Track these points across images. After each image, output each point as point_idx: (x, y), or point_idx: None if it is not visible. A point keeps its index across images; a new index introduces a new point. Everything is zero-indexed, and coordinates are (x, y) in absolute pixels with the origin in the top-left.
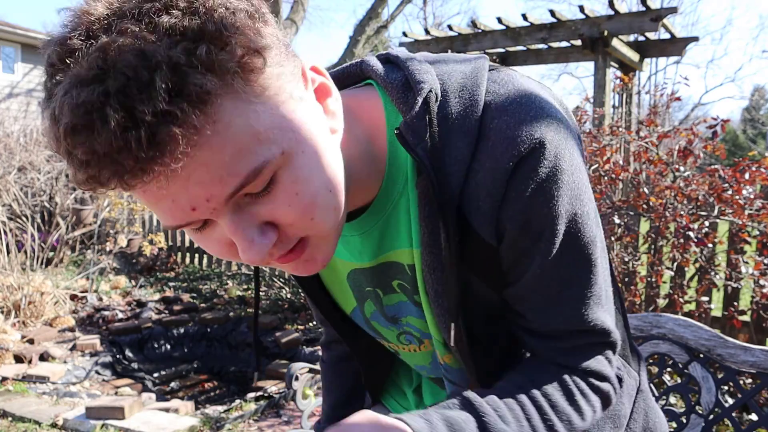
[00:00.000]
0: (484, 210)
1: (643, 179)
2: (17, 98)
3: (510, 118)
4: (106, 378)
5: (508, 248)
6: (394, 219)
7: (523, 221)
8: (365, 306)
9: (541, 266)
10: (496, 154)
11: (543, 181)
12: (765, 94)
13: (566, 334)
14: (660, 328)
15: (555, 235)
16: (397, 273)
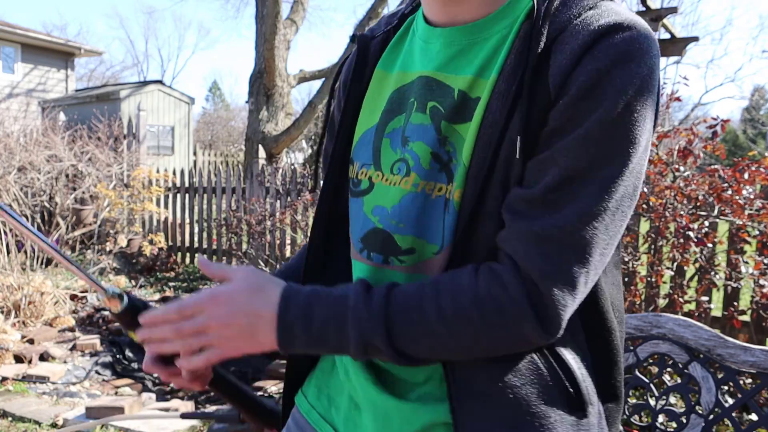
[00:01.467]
0: (566, 55)
1: (643, 179)
2: (17, 98)
3: (623, 13)
4: (106, 378)
5: (562, 108)
6: (480, 47)
7: (592, 81)
8: (392, 122)
9: (577, 140)
10: (596, 18)
11: (623, 58)
12: (765, 94)
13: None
14: (660, 328)
15: (606, 112)
16: (440, 95)
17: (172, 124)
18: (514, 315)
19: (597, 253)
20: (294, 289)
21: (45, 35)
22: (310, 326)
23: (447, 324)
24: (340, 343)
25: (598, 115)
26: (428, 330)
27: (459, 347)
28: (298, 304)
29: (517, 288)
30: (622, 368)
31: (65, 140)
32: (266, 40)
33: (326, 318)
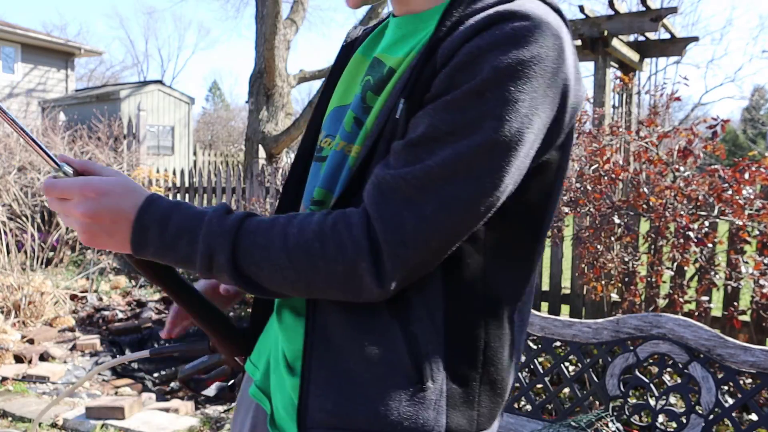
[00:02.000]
0: (458, 34)
1: (643, 179)
2: (17, 98)
3: (536, 5)
4: (106, 378)
5: (441, 77)
6: (419, 35)
7: (471, 56)
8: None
9: (445, 104)
10: (502, 6)
11: (507, 41)
12: (765, 94)
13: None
14: (660, 328)
15: (480, 82)
16: (376, 71)
17: (172, 124)
18: (351, 252)
19: (442, 216)
20: (160, 197)
21: (45, 35)
22: (164, 232)
23: (288, 251)
24: (189, 253)
25: (468, 86)
26: (270, 256)
27: (297, 278)
28: (159, 209)
29: (360, 228)
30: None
31: (65, 140)
32: (266, 40)
33: (181, 227)
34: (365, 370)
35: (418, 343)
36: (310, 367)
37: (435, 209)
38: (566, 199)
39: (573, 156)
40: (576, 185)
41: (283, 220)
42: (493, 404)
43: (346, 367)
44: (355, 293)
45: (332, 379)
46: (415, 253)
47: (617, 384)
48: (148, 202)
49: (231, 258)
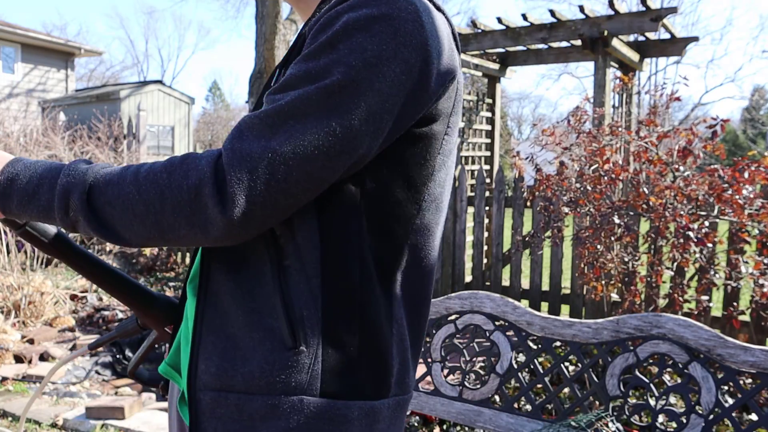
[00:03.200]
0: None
1: (643, 179)
2: (17, 98)
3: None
4: (106, 378)
5: (307, 43)
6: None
7: (329, 18)
8: None
9: (303, 56)
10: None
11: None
12: (765, 94)
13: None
14: (660, 328)
15: (334, 35)
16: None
17: (172, 124)
18: (194, 178)
19: (288, 149)
20: (27, 158)
21: (45, 35)
22: (28, 182)
23: (138, 184)
24: (49, 199)
25: (322, 39)
26: (122, 192)
27: (146, 212)
28: (23, 162)
29: (209, 159)
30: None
31: (65, 140)
32: (266, 40)
33: (43, 174)
34: (246, 335)
35: (294, 308)
36: (200, 332)
37: (282, 142)
38: (566, 199)
39: (573, 156)
40: (576, 185)
41: (144, 164)
42: (376, 374)
43: (230, 332)
44: (202, 226)
45: (218, 342)
46: (260, 183)
47: (617, 384)
48: (16, 159)
49: (86, 199)
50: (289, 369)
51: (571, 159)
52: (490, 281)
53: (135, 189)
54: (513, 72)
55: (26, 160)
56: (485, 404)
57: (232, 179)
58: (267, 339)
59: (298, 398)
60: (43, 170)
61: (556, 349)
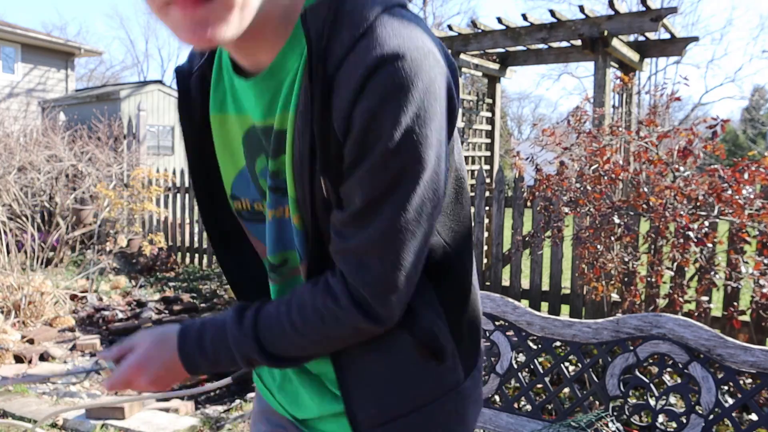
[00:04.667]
0: (343, 98)
1: (643, 179)
2: (17, 98)
3: (392, 29)
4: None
5: (349, 147)
6: (282, 86)
7: (368, 120)
8: (257, 162)
9: (369, 171)
10: (367, 52)
11: (396, 90)
12: (765, 94)
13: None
14: (660, 328)
15: (391, 139)
16: (268, 138)
17: (172, 124)
18: (347, 320)
19: (408, 256)
20: (185, 330)
21: (45, 35)
22: (205, 353)
23: (300, 333)
24: (231, 360)
25: (380, 147)
26: (289, 339)
27: (316, 347)
28: (191, 339)
29: (346, 299)
30: (473, 320)
31: (65, 140)
32: None
33: (214, 345)
34: (390, 368)
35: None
36: (347, 389)
37: (401, 255)
38: (566, 199)
39: (573, 156)
40: (576, 185)
41: (283, 308)
42: (472, 354)
43: (376, 372)
44: (367, 337)
45: (366, 387)
46: (398, 292)
47: (617, 384)
48: (181, 338)
49: (261, 353)
50: (439, 376)
51: (571, 159)
52: (490, 281)
53: (300, 336)
54: (513, 72)
55: (188, 336)
56: (485, 404)
57: (378, 305)
58: (411, 364)
59: (455, 391)
60: (211, 341)
61: (556, 349)
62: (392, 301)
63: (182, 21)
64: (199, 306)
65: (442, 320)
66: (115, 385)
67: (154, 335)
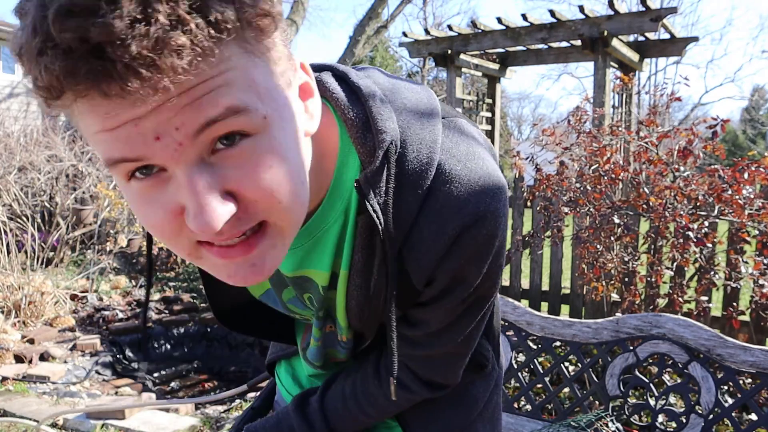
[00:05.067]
0: (423, 263)
1: (643, 179)
2: (17, 98)
3: (461, 186)
4: (107, 378)
5: (431, 292)
6: (323, 242)
7: (454, 274)
8: (284, 292)
9: (450, 305)
10: (443, 218)
11: (480, 247)
12: (765, 94)
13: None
14: (660, 328)
15: (473, 285)
16: (310, 288)
17: None
18: (420, 398)
19: (472, 346)
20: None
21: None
22: None
23: (373, 418)
24: None
25: (461, 291)
26: (362, 424)
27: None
28: None
29: (419, 387)
30: (497, 317)
31: (65, 140)
32: None
33: None
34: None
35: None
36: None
37: (471, 346)
38: (566, 199)
39: (573, 156)
40: (576, 185)
41: (352, 404)
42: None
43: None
44: None
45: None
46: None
47: (617, 384)
48: None
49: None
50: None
51: (571, 159)
52: None
53: (373, 421)
54: (513, 72)
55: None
56: None
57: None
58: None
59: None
60: None
61: (556, 349)
62: (458, 379)
63: (228, 267)
64: (199, 306)
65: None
66: None
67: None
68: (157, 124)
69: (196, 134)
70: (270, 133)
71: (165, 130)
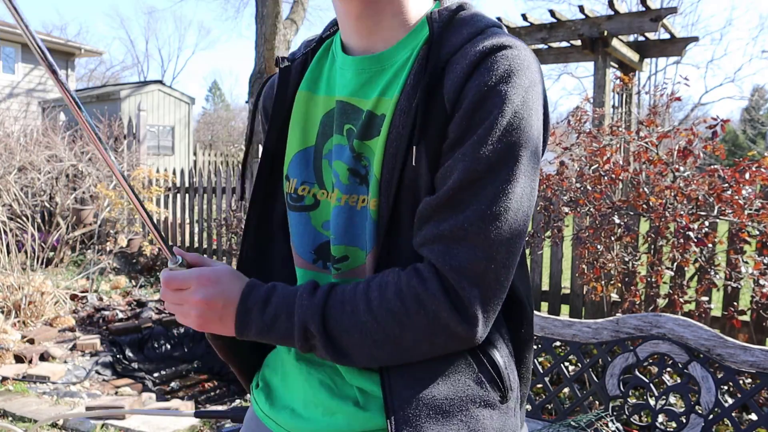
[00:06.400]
0: (457, 71)
1: (643, 179)
2: (17, 98)
3: (507, 36)
4: (106, 378)
5: (458, 120)
6: (385, 73)
7: (479, 94)
8: (328, 142)
9: (474, 145)
10: (484, 40)
11: (507, 73)
12: (765, 94)
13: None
14: (660, 328)
15: (498, 115)
16: (353, 118)
17: (172, 124)
18: (431, 305)
19: (503, 250)
20: (257, 284)
21: (45, 35)
22: (264, 313)
23: (373, 314)
24: (288, 328)
25: (489, 123)
26: (358, 321)
27: (385, 338)
28: (258, 293)
29: (434, 283)
30: (532, 354)
31: (65, 140)
32: (266, 40)
33: (279, 307)
34: (451, 396)
35: (498, 364)
36: (394, 407)
37: (495, 247)
38: (566, 199)
39: (573, 156)
40: (576, 185)
41: (362, 286)
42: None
43: (430, 397)
44: (444, 342)
45: (421, 413)
46: (491, 291)
47: (617, 384)
48: (249, 287)
49: (323, 328)
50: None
51: (571, 159)
52: None
53: (371, 318)
54: None
55: (258, 289)
56: None
57: (469, 300)
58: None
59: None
60: (278, 302)
61: (556, 349)
62: (480, 296)
63: None
64: None
65: (513, 361)
66: (171, 282)
67: (231, 270)
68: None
69: None
70: None
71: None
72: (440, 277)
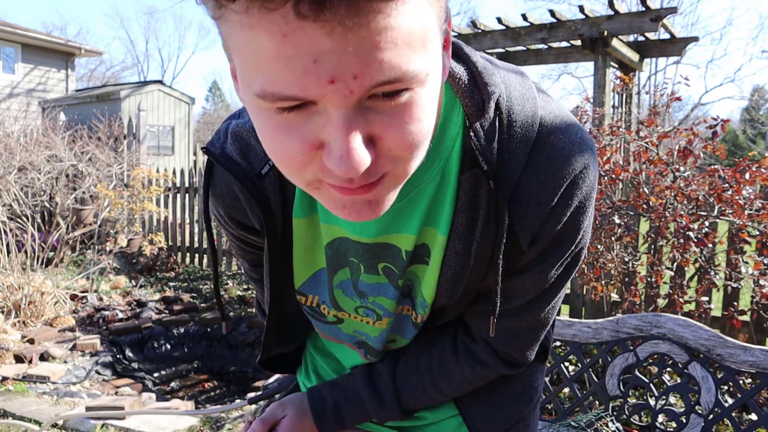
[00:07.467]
0: (531, 216)
1: (643, 179)
2: (17, 98)
3: (564, 137)
4: (106, 378)
5: (535, 248)
6: (414, 203)
7: (559, 229)
8: (337, 274)
9: (550, 263)
10: (552, 168)
11: (584, 198)
12: (765, 94)
13: (528, 329)
14: (660, 328)
15: (574, 241)
16: (388, 256)
17: (172, 124)
18: (495, 375)
19: (553, 316)
20: (320, 407)
21: (45, 35)
22: (344, 427)
23: (446, 395)
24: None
25: (561, 251)
26: (432, 400)
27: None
28: (329, 419)
29: (495, 362)
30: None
31: (65, 140)
32: None
33: (354, 420)
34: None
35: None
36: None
37: (551, 319)
38: None
39: None
40: None
41: (427, 379)
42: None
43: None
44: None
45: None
46: (536, 346)
47: (617, 384)
48: (320, 421)
49: (403, 417)
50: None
51: None
52: None
53: (445, 398)
54: None
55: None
56: None
57: (519, 360)
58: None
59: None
60: (350, 413)
61: (556, 349)
62: (535, 349)
63: (344, 201)
64: (199, 306)
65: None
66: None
67: (296, 406)
68: (337, 66)
69: (370, 87)
70: (427, 87)
71: (341, 75)
72: (501, 356)
